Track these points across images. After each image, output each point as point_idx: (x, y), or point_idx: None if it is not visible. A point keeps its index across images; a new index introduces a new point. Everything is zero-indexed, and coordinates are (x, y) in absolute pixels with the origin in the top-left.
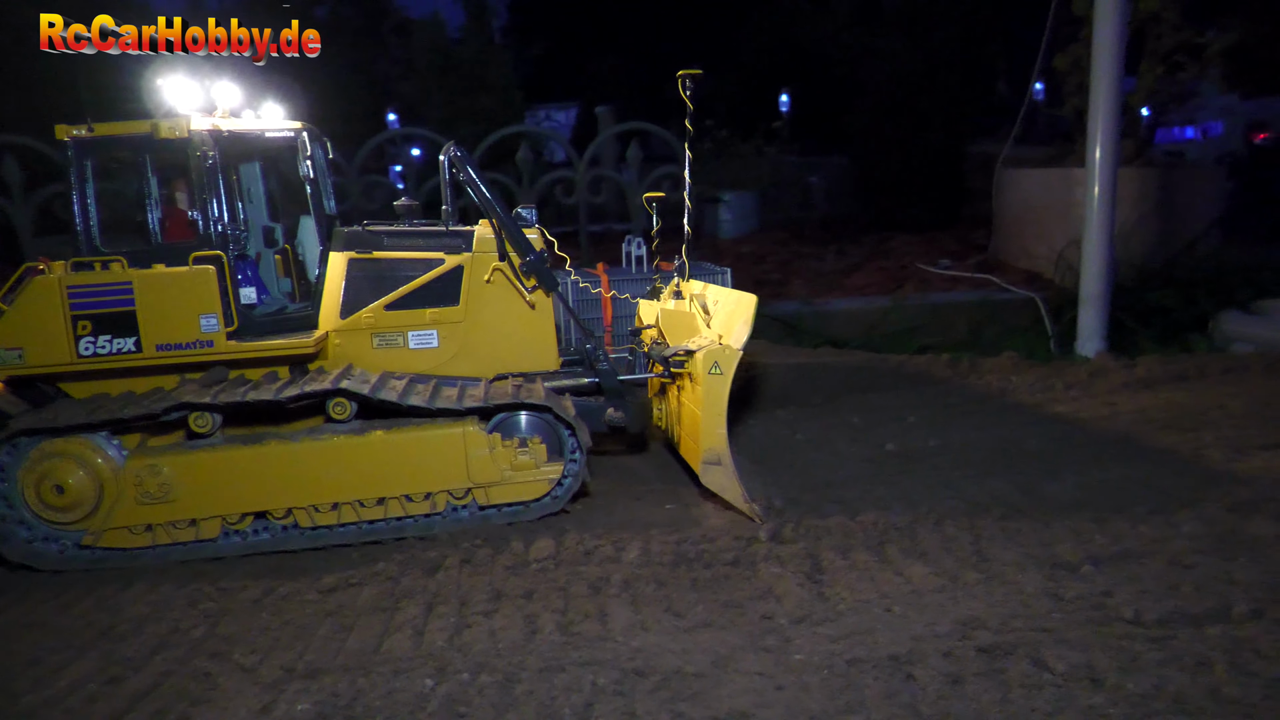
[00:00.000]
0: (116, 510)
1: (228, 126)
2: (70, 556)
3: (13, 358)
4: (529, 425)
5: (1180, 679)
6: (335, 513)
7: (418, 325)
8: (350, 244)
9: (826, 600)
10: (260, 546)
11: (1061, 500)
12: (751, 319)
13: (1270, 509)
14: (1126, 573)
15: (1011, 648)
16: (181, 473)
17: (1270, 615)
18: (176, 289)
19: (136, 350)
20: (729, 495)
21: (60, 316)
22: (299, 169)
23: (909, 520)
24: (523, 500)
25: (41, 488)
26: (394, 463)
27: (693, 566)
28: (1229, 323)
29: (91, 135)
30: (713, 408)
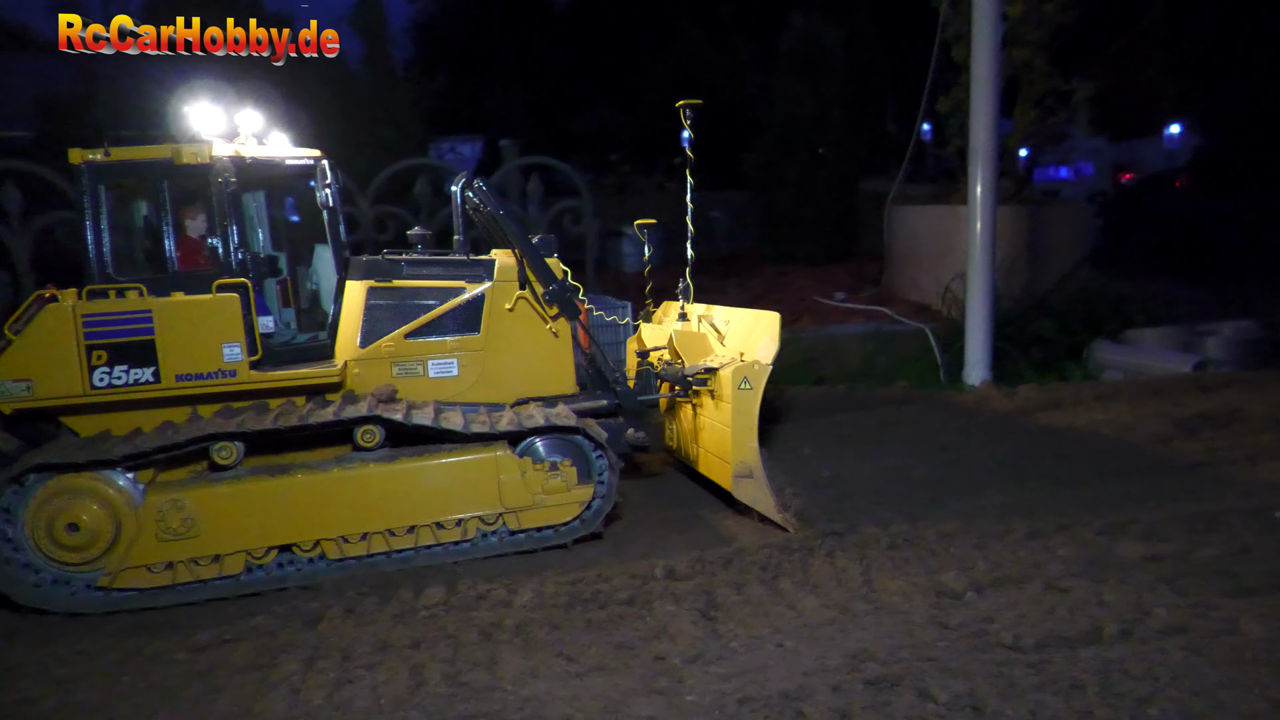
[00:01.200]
0: (135, 548)
1: (249, 153)
2: (83, 599)
3: (20, 390)
4: (558, 449)
5: (1055, 703)
6: (365, 543)
7: (438, 354)
8: (370, 272)
9: (720, 638)
10: (286, 581)
11: (946, 528)
12: (777, 335)
13: (1137, 531)
14: (1006, 598)
15: (898, 679)
16: (206, 506)
17: (1137, 635)
18: (199, 317)
19: (155, 381)
20: (761, 506)
21: (73, 346)
22: (318, 197)
23: (802, 552)
24: (553, 524)
25: (54, 526)
26: (425, 490)
27: (587, 607)
28: (1101, 351)
29: (108, 160)
30: (743, 422)
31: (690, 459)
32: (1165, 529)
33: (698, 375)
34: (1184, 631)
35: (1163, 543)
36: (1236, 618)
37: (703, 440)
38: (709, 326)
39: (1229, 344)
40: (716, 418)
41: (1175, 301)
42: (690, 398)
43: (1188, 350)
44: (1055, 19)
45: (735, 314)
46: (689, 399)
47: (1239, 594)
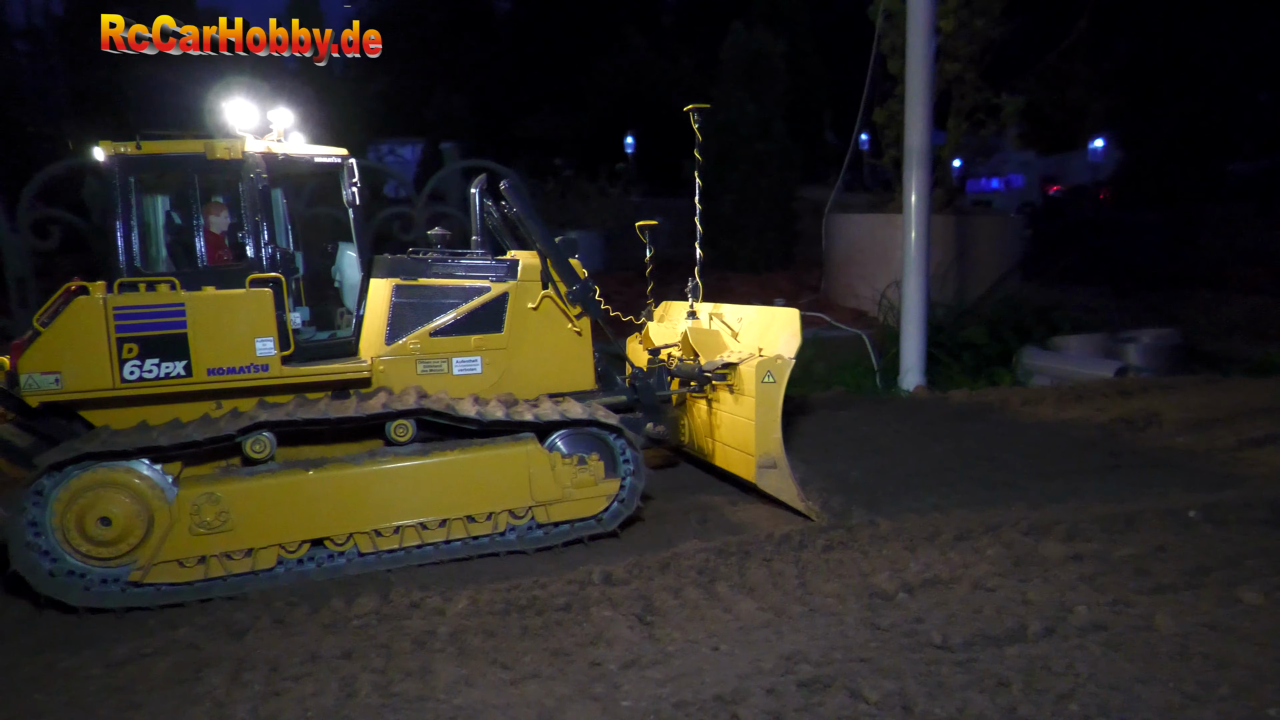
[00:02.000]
0: (168, 541)
1: (281, 150)
2: (113, 594)
3: (48, 382)
4: (584, 443)
5: (981, 701)
6: (397, 536)
7: (462, 352)
8: (395, 271)
9: (657, 642)
10: (318, 575)
11: (879, 530)
12: (798, 330)
13: (1059, 531)
14: (936, 599)
15: (830, 680)
16: (240, 500)
17: (1060, 633)
18: (232, 311)
19: (186, 375)
20: (785, 496)
21: (104, 339)
22: (344, 195)
23: (739, 556)
24: (581, 516)
25: (85, 521)
26: (459, 483)
27: (524, 614)
28: (1029, 358)
29: (139, 153)
30: (766, 415)
31: (705, 453)
32: (1087, 529)
33: (717, 370)
34: (1103, 628)
35: (1084, 542)
36: (1152, 614)
37: (720, 434)
38: (721, 324)
39: (1148, 351)
40: (736, 411)
41: (1099, 309)
42: (706, 393)
43: (1110, 356)
44: (985, 34)
45: (748, 311)
46: (704, 394)
47: (1154, 591)
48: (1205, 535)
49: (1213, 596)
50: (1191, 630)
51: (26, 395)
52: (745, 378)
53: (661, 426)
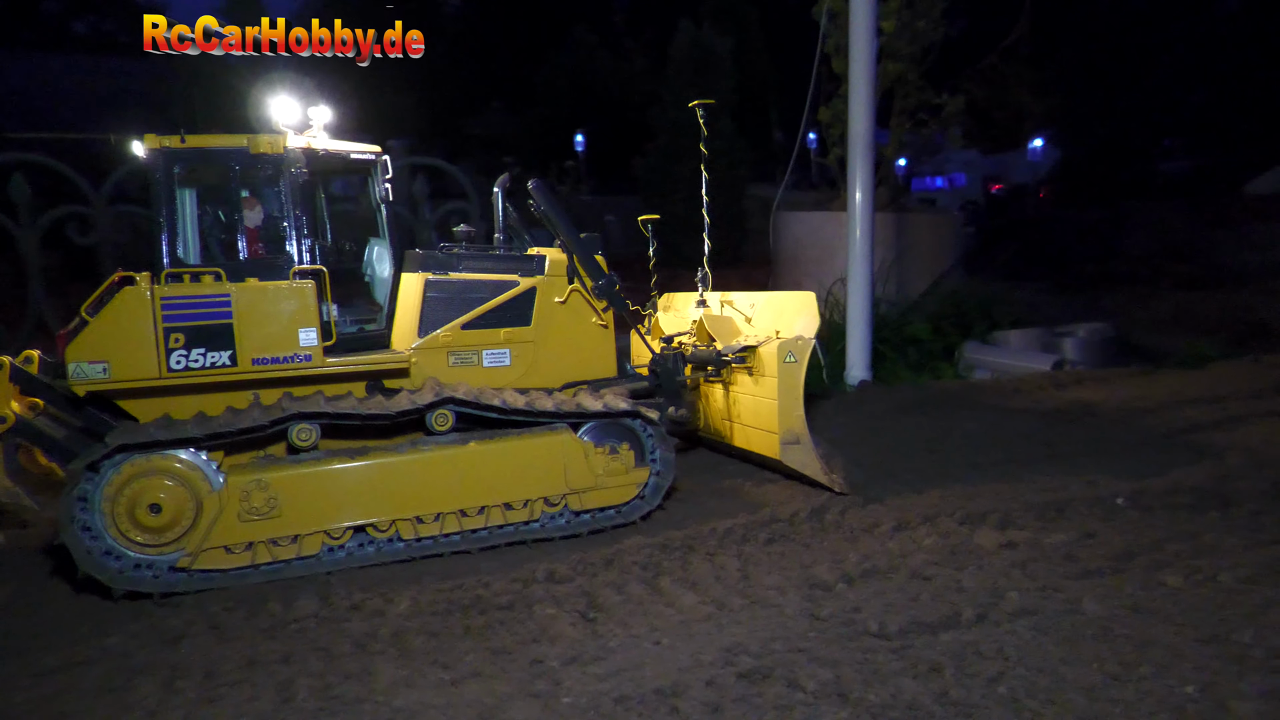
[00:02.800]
0: (217, 527)
1: (320, 145)
2: (163, 580)
3: (96, 371)
4: (616, 433)
5: (914, 686)
6: (438, 523)
7: (492, 344)
8: (426, 265)
9: (599, 638)
10: (363, 560)
11: (821, 522)
12: (816, 312)
13: (994, 520)
14: (874, 588)
15: (769, 670)
16: (288, 487)
17: (991, 618)
18: (277, 302)
19: (231, 364)
20: (809, 470)
21: (151, 329)
22: (377, 191)
23: (683, 550)
24: (613, 504)
25: (136, 508)
26: (497, 471)
27: (466, 614)
28: (971, 352)
29: (183, 146)
30: (790, 393)
31: (723, 436)
32: (1020, 518)
33: (737, 353)
34: (1033, 613)
35: (1017, 531)
36: (1079, 598)
37: (740, 415)
38: (733, 310)
39: (1083, 344)
40: (757, 392)
41: (1038, 304)
42: (723, 377)
43: (1047, 350)
44: (926, 35)
45: (760, 297)
46: (720, 379)
47: (1082, 576)
48: (1132, 521)
49: (1137, 580)
50: (1116, 613)
51: (74, 384)
52: (766, 359)
53: (684, 410)
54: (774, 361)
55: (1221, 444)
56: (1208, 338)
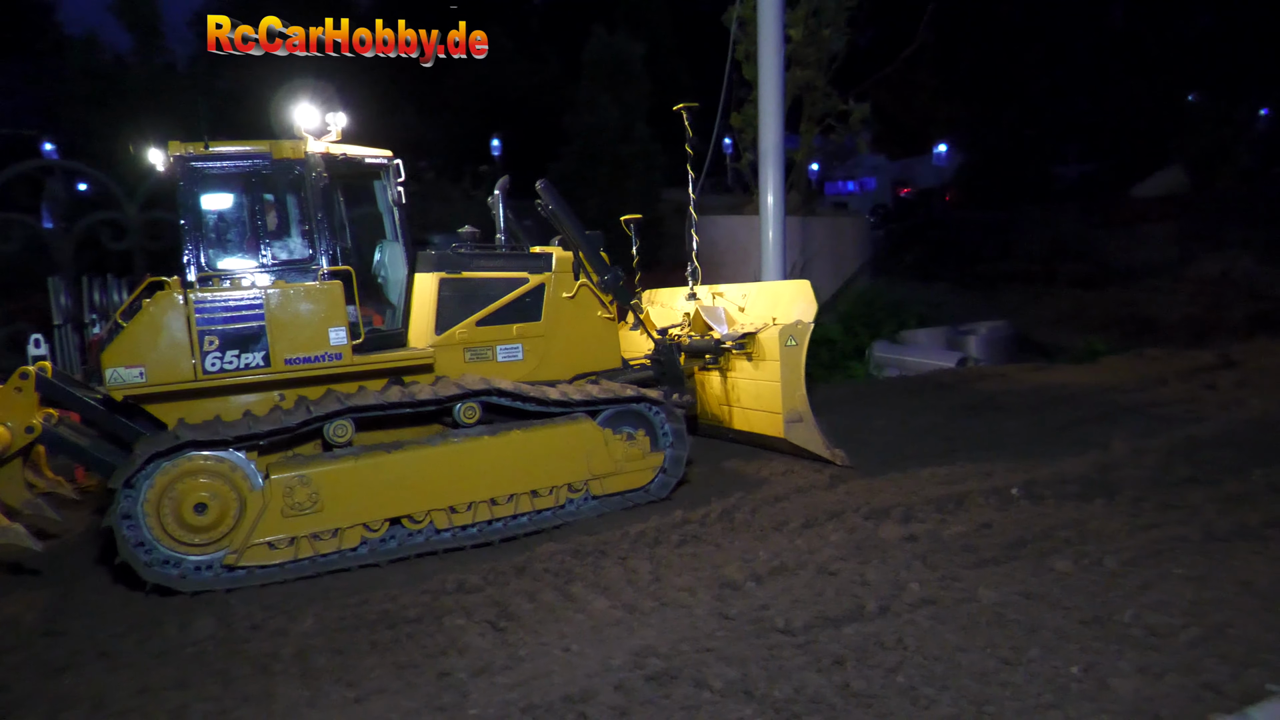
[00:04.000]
0: (261, 524)
1: (338, 150)
2: (210, 578)
3: (133, 376)
4: (631, 420)
5: (817, 680)
6: (470, 512)
7: (506, 340)
8: (440, 265)
9: (509, 647)
10: (400, 552)
11: (732, 522)
12: (813, 298)
13: (897, 514)
14: (782, 585)
15: (678, 671)
16: (329, 482)
17: (893, 610)
18: (309, 302)
19: (265, 365)
20: (812, 446)
21: (185, 333)
22: (390, 194)
23: (595, 555)
24: (632, 488)
25: (181, 507)
26: (525, 460)
27: (374, 629)
28: (880, 351)
29: (205, 152)
30: (792, 375)
31: (721, 420)
32: (922, 510)
33: (738, 340)
34: (932, 603)
35: (919, 523)
36: (975, 587)
37: (740, 400)
38: (725, 301)
39: (985, 342)
40: (757, 376)
41: (943, 304)
42: (721, 364)
43: (952, 348)
44: (832, 44)
45: (753, 288)
46: (718, 366)
47: (979, 565)
48: (1025, 510)
49: (1029, 567)
50: (1009, 599)
51: (111, 389)
52: (767, 344)
53: (688, 396)
54: (776, 346)
55: (1107, 435)
56: (1099, 333)
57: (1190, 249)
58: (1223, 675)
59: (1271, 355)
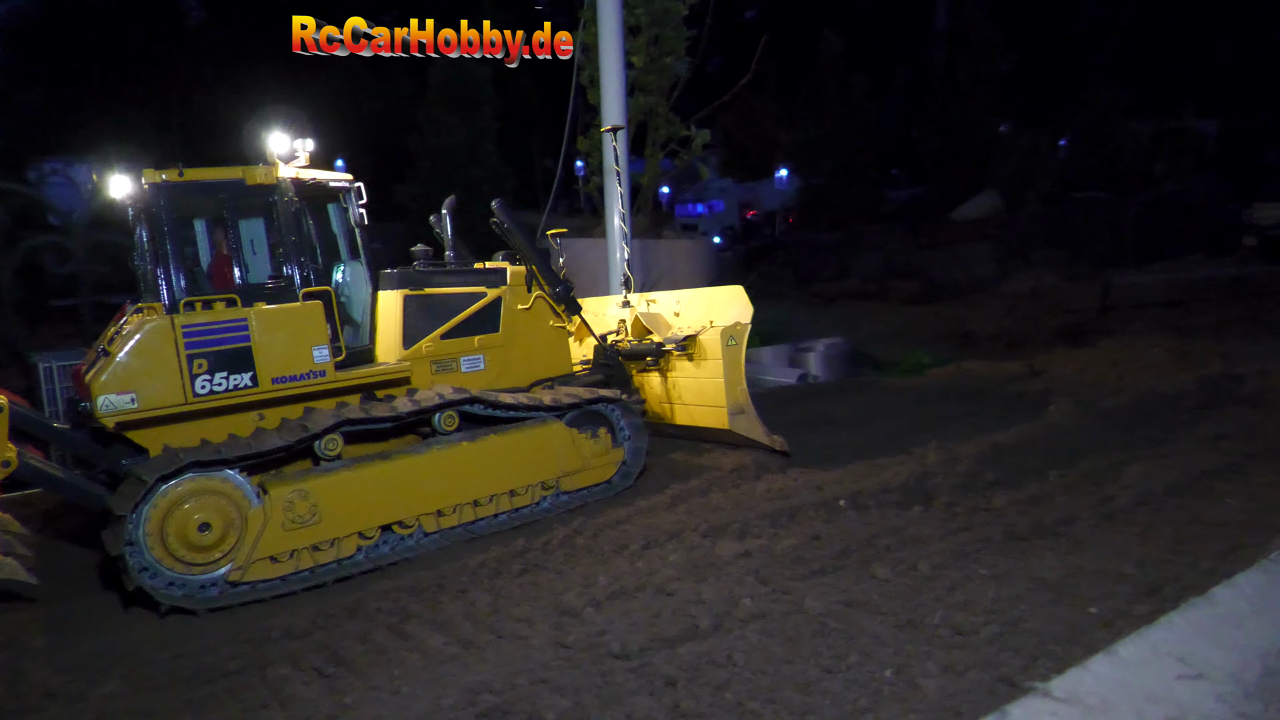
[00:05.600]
0: (264, 539)
1: (307, 175)
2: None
3: (125, 402)
4: (592, 420)
5: (649, 703)
6: (455, 515)
7: (468, 351)
8: (403, 283)
9: (335, 694)
10: (392, 557)
11: (572, 547)
12: (748, 301)
13: (733, 530)
14: (621, 609)
15: (511, 706)
16: (327, 494)
17: (726, 626)
18: (292, 323)
19: (253, 385)
20: (754, 434)
21: (174, 357)
22: (351, 215)
23: (433, 590)
24: (598, 482)
25: (186, 528)
26: (504, 462)
27: (189, 685)
28: None
29: (181, 180)
30: (733, 371)
31: (663, 418)
32: (756, 526)
33: (680, 342)
34: (762, 617)
35: (754, 539)
36: (803, 598)
37: (683, 397)
38: (660, 308)
39: (823, 357)
40: (699, 375)
41: (786, 321)
42: (661, 366)
43: (793, 365)
44: (673, 71)
45: (686, 295)
46: (658, 368)
47: (807, 576)
48: (851, 521)
49: (852, 575)
50: (832, 608)
51: (103, 417)
52: (709, 345)
53: (637, 394)
54: (718, 346)
55: (925, 443)
56: (927, 346)
57: (1004, 267)
58: (1016, 668)
59: (1070, 364)
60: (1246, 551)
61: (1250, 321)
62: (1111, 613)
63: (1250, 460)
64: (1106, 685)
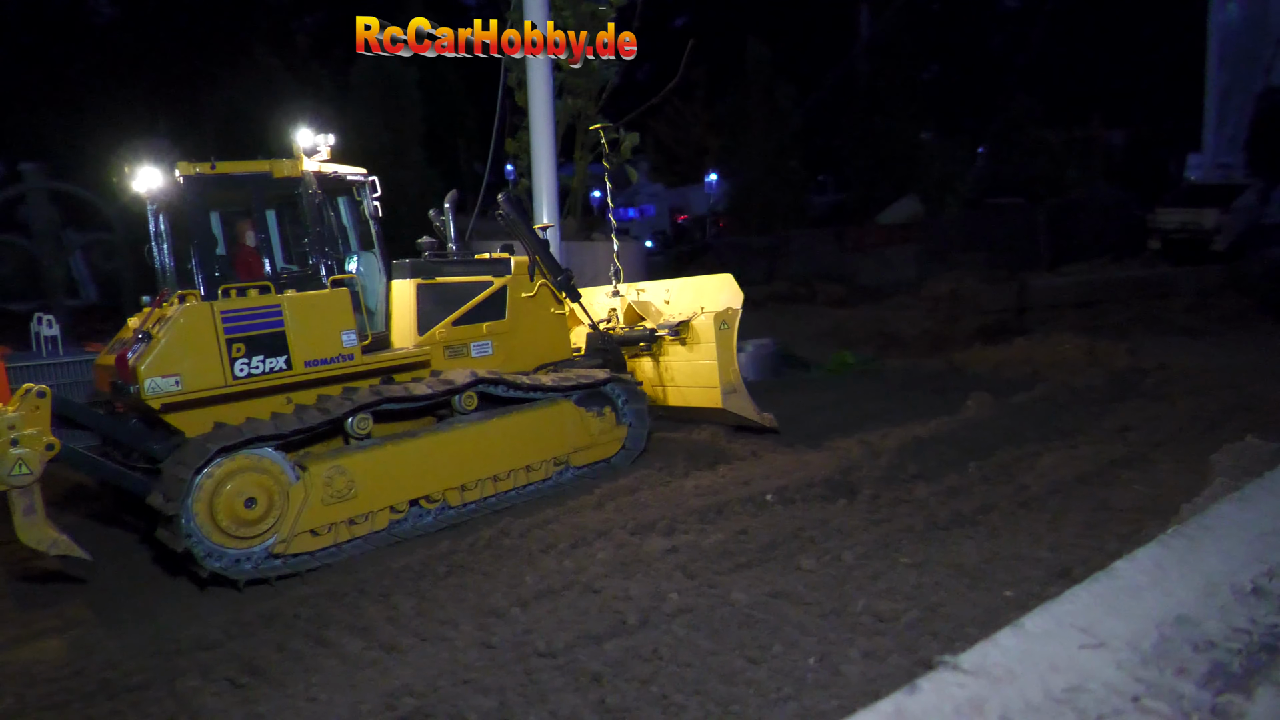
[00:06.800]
0: (305, 513)
1: (328, 169)
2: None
3: (169, 385)
4: (598, 400)
5: (574, 699)
6: (477, 489)
7: (477, 337)
8: (415, 273)
9: (249, 704)
10: (420, 531)
11: (500, 545)
12: (738, 288)
13: (661, 527)
14: (548, 607)
15: (432, 709)
16: (362, 470)
17: (653, 621)
18: (322, 308)
19: (287, 368)
20: (745, 412)
21: (214, 341)
22: (366, 208)
23: (355, 595)
24: (603, 458)
25: (234, 503)
26: (521, 439)
27: (90, 702)
28: None
29: (213, 173)
30: (725, 353)
31: (655, 399)
32: (684, 522)
33: (674, 327)
34: (690, 611)
35: (682, 535)
36: (730, 591)
37: (676, 379)
38: (649, 297)
39: (753, 359)
40: (693, 358)
41: None
42: (653, 351)
43: None
44: (602, 74)
45: (675, 284)
46: (650, 352)
47: (734, 570)
48: (778, 514)
49: (778, 567)
50: (759, 600)
51: (149, 399)
52: (702, 329)
53: (633, 375)
54: (711, 330)
55: (849, 439)
56: (854, 347)
57: (926, 270)
58: (935, 650)
59: (986, 362)
60: (1150, 532)
61: (1154, 320)
62: (1025, 595)
63: (1153, 449)
64: (1013, 657)
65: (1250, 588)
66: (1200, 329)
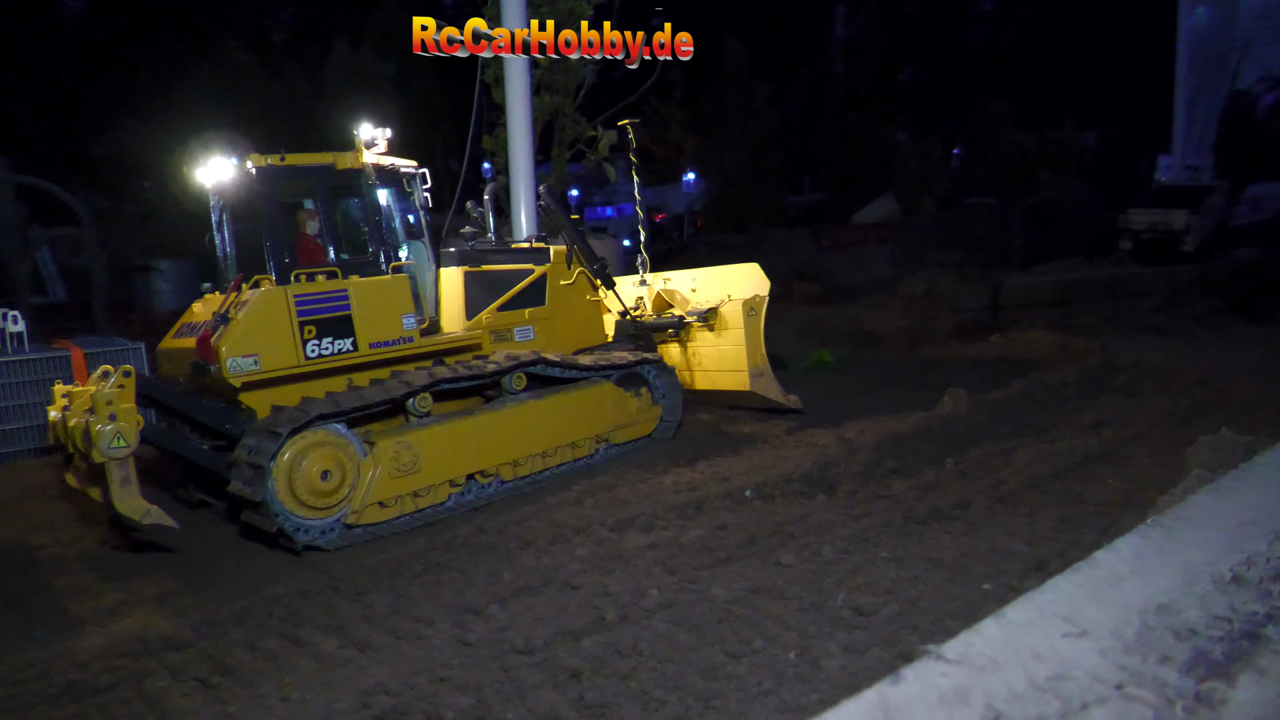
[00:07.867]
0: (375, 487)
1: (385, 161)
2: (341, 537)
3: (249, 364)
4: (634, 381)
5: (553, 696)
6: (528, 465)
7: (520, 323)
8: (462, 260)
9: (220, 704)
10: (477, 503)
11: (477, 542)
12: (764, 276)
13: (641, 523)
14: (526, 604)
15: (408, 707)
16: (425, 445)
17: (632, 616)
18: (385, 293)
19: (353, 349)
20: (771, 394)
21: (288, 323)
22: (417, 199)
23: (329, 593)
24: (641, 436)
25: (310, 475)
26: (568, 417)
27: (55, 704)
28: None
29: (282, 164)
30: (753, 338)
31: (684, 384)
32: (663, 518)
33: (702, 314)
34: (670, 606)
35: (661, 531)
36: (709, 586)
37: (704, 364)
38: (676, 286)
39: None
40: (720, 343)
41: None
42: (681, 337)
43: None
44: (579, 71)
45: (701, 273)
46: (678, 339)
47: (715, 565)
48: (757, 510)
49: (758, 562)
50: (739, 595)
51: (231, 377)
52: (730, 316)
53: (662, 359)
54: (739, 316)
55: (828, 437)
56: (832, 345)
57: (901, 269)
58: (914, 643)
59: (959, 360)
60: (1126, 525)
61: (1125, 319)
62: (1004, 588)
63: (1127, 444)
64: (995, 646)
65: (1230, 576)
66: (1170, 328)
